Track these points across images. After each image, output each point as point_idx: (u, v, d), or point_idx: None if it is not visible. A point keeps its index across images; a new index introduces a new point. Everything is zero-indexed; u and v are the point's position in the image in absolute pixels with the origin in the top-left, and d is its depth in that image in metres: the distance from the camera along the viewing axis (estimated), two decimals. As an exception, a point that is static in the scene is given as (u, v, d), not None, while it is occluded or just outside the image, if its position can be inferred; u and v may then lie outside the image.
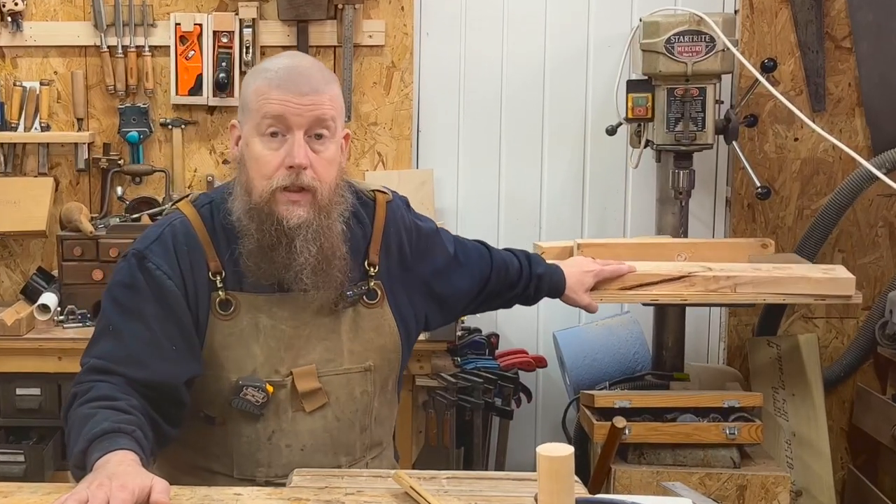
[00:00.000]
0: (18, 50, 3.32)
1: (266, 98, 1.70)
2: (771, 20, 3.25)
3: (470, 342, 3.12)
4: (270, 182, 1.70)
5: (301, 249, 1.71)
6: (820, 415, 3.11)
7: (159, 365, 1.67)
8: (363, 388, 1.83)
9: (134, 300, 1.71)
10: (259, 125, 1.71)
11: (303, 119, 1.69)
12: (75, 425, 1.56)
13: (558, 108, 3.40)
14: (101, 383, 1.62)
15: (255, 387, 1.74)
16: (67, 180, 3.36)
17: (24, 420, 2.99)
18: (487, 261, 2.14)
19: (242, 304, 1.76)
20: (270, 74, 1.72)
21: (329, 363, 1.80)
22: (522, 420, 3.37)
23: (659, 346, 3.07)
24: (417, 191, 3.29)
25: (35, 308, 3.03)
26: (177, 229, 1.76)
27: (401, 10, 3.31)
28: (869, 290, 3.24)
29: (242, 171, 1.75)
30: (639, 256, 2.77)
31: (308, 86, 1.70)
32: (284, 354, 1.78)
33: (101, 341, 1.70)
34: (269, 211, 1.71)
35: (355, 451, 1.85)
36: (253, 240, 1.72)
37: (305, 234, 1.71)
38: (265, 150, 1.71)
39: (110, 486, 1.37)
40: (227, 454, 1.80)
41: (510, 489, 1.61)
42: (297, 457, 1.79)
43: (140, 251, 1.74)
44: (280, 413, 1.78)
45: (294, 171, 1.70)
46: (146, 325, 1.69)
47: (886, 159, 2.99)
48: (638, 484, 2.68)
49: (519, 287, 2.20)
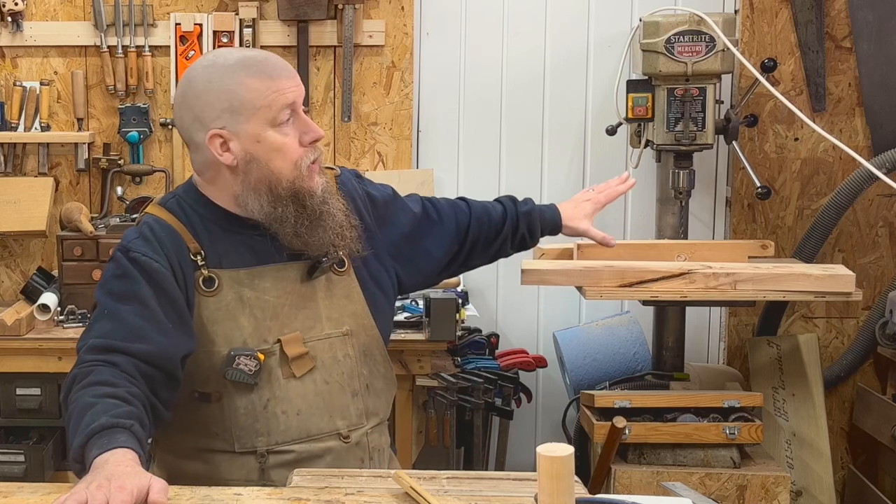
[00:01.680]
0: (18, 50, 3.32)
1: (278, 90, 1.78)
2: (771, 20, 3.25)
3: (470, 342, 3.13)
4: (301, 163, 1.80)
5: (334, 211, 1.85)
6: (820, 415, 3.11)
7: (159, 339, 1.72)
8: (345, 351, 1.90)
9: (127, 286, 1.76)
10: (277, 117, 1.78)
11: (300, 98, 1.82)
12: (74, 415, 1.58)
13: (558, 108, 3.40)
14: (101, 367, 1.65)
15: (246, 355, 1.81)
16: (67, 180, 3.36)
17: (24, 420, 2.99)
18: (464, 211, 2.16)
19: (225, 280, 1.82)
20: (261, 67, 1.79)
21: (311, 330, 1.87)
22: (522, 420, 3.37)
23: (659, 346, 3.07)
24: (417, 191, 3.26)
25: (35, 308, 3.03)
26: (152, 225, 1.83)
27: (401, 10, 3.31)
28: (869, 290, 3.24)
29: (256, 169, 1.80)
30: (639, 257, 2.78)
31: (290, 68, 1.83)
32: (271, 323, 1.84)
33: (98, 324, 1.74)
34: (307, 188, 1.81)
35: (350, 415, 1.89)
36: (291, 222, 1.81)
37: (329, 196, 1.86)
38: (285, 139, 1.79)
39: (109, 487, 1.38)
40: (227, 430, 1.84)
41: (510, 489, 1.61)
42: (294, 422, 1.84)
43: (124, 246, 1.81)
44: (272, 381, 1.84)
45: (314, 146, 1.83)
46: (143, 304, 1.74)
47: (886, 159, 2.99)
48: (638, 484, 2.68)
49: (506, 229, 2.19)
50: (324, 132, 1.84)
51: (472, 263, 2.22)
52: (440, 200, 2.18)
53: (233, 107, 1.77)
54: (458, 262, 2.17)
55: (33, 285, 3.19)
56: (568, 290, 3.02)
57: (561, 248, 2.87)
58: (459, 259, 2.16)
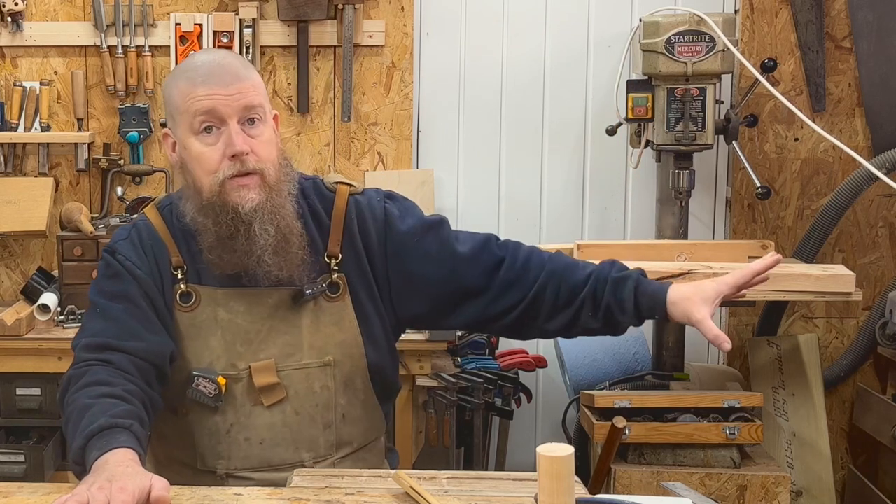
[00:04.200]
0: (18, 50, 3.32)
1: (193, 97, 1.74)
2: (771, 20, 3.25)
3: (470, 342, 3.13)
4: (217, 175, 1.74)
5: (260, 232, 1.75)
6: (820, 415, 3.11)
7: (150, 337, 1.73)
8: (322, 382, 1.84)
9: (117, 285, 1.78)
10: (192, 124, 1.75)
11: (232, 109, 1.73)
12: (72, 417, 1.58)
13: (558, 108, 3.40)
14: (96, 366, 1.66)
15: (206, 378, 1.79)
16: (67, 180, 3.36)
17: (24, 420, 2.99)
18: (492, 250, 1.88)
19: (203, 297, 1.82)
20: (191, 73, 1.76)
21: (289, 357, 1.83)
22: (522, 420, 3.37)
23: (659, 346, 3.07)
24: (417, 191, 3.29)
25: (35, 308, 3.03)
26: (140, 229, 1.85)
27: (401, 10, 3.31)
28: (869, 290, 3.24)
29: (187, 174, 1.80)
30: (639, 257, 2.78)
31: (230, 76, 1.74)
32: (242, 349, 1.81)
33: (91, 323, 1.76)
34: (223, 202, 1.75)
35: (318, 447, 1.85)
36: (211, 234, 1.77)
37: (262, 216, 1.75)
38: (204, 147, 1.75)
39: (110, 488, 1.38)
40: (191, 445, 1.84)
41: (510, 489, 1.61)
42: (257, 450, 1.82)
43: (111, 247, 1.83)
44: (238, 407, 1.82)
45: (237, 160, 1.74)
46: (133, 303, 1.76)
47: (886, 159, 2.99)
48: (638, 484, 2.68)
49: (586, 292, 1.81)
50: (246, 147, 1.72)
51: (528, 324, 1.88)
52: (468, 236, 1.91)
53: (171, 110, 1.81)
54: (471, 313, 1.88)
55: (33, 285, 3.19)
56: (568, 290, 3.03)
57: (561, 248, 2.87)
58: (480, 308, 1.87)
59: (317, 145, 3.33)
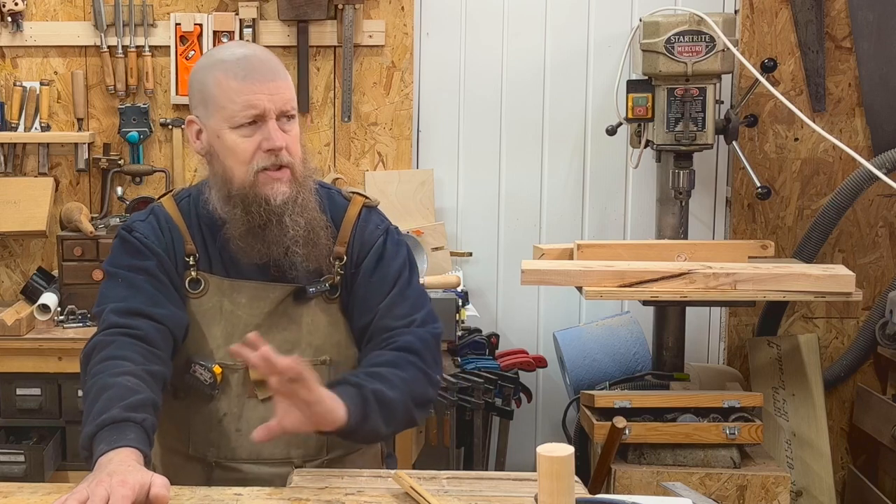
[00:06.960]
0: (18, 50, 3.32)
1: (237, 91, 1.76)
2: (771, 20, 3.25)
3: (470, 342, 3.12)
4: (251, 166, 1.78)
5: (291, 224, 1.79)
6: (820, 415, 3.11)
7: (171, 307, 1.78)
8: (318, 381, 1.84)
9: (137, 260, 1.82)
10: (234, 118, 1.77)
11: (274, 106, 1.77)
12: (90, 394, 1.61)
13: (558, 108, 3.40)
14: (122, 338, 1.69)
15: (202, 366, 1.83)
16: (67, 180, 3.36)
17: (24, 420, 2.99)
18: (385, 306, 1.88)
19: (211, 286, 1.85)
20: (231, 66, 1.78)
21: (287, 354, 1.79)
22: (522, 420, 3.37)
23: (659, 346, 3.07)
24: (417, 191, 3.29)
25: (35, 308, 3.03)
26: (158, 214, 1.88)
27: (401, 10, 3.31)
28: (869, 290, 3.24)
29: (216, 163, 1.82)
30: (639, 257, 2.78)
31: (271, 72, 1.79)
32: (241, 340, 1.79)
33: (114, 291, 1.79)
34: (255, 193, 1.79)
35: (309, 446, 1.87)
36: (241, 224, 1.80)
37: (292, 209, 1.80)
38: (240, 139, 1.78)
39: (110, 482, 1.40)
40: (185, 430, 1.87)
41: (510, 489, 1.61)
42: (247, 442, 1.83)
43: (128, 225, 1.87)
44: (232, 397, 1.85)
45: (272, 153, 1.78)
46: (153, 276, 1.80)
47: (886, 159, 2.99)
48: (638, 484, 2.68)
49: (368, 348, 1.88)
50: (283, 143, 1.77)
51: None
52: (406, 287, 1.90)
53: (204, 99, 1.81)
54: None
55: (33, 285, 3.19)
56: (568, 290, 3.03)
57: (561, 248, 2.87)
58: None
59: (317, 145, 3.33)
